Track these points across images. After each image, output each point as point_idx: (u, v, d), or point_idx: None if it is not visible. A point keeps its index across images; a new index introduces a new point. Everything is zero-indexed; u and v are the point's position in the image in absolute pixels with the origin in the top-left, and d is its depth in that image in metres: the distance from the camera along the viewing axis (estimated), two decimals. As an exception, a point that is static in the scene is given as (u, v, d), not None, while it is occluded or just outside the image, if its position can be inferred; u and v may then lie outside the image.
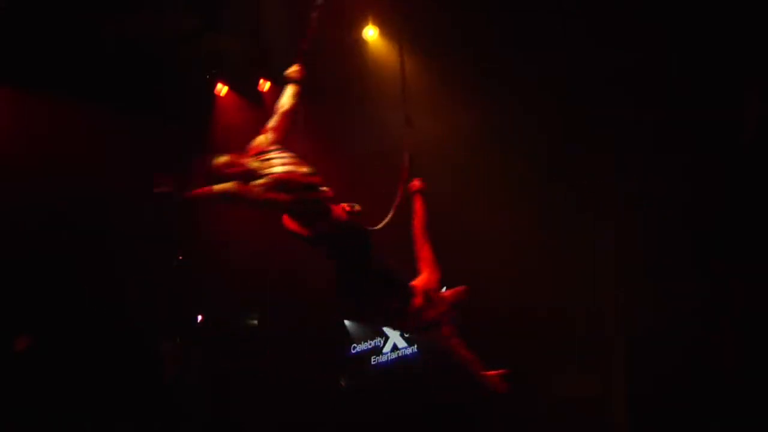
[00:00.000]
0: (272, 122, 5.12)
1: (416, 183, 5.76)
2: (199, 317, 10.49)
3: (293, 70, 5.27)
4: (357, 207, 5.21)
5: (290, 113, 5.18)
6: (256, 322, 10.67)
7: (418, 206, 5.67)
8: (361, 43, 9.09)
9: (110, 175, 9.31)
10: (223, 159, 4.97)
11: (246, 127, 10.00)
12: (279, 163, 4.93)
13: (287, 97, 5.20)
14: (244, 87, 9.91)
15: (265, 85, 9.82)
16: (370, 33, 9.01)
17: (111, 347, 9.34)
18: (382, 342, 10.29)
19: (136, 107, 9.27)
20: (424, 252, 5.56)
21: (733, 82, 7.94)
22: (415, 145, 8.10)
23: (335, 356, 10.29)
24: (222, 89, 9.90)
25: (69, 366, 9.08)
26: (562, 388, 8.73)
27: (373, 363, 10.24)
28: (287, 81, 5.22)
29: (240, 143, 9.96)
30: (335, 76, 9.10)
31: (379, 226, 5.41)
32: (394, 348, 10.28)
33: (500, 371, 5.46)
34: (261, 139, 5.08)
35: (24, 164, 8.88)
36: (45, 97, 8.96)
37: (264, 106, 9.92)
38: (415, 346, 10.18)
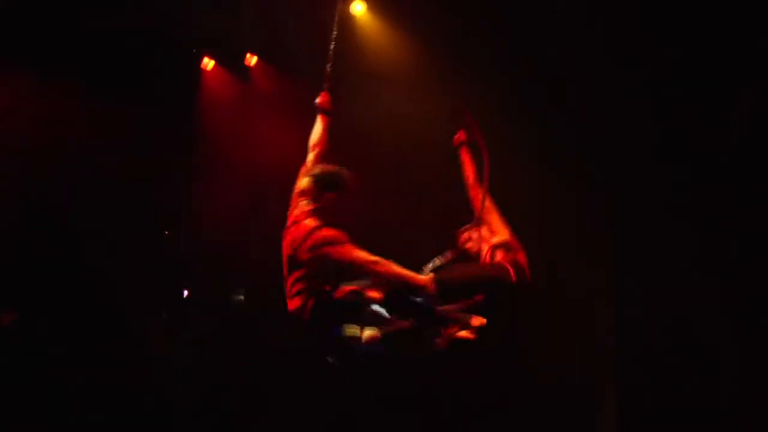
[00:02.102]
0: (309, 160, 5.25)
1: (461, 135, 5.76)
2: (185, 292, 10.47)
3: (321, 98, 5.38)
4: None
5: (322, 147, 5.31)
6: (242, 297, 10.66)
7: (466, 158, 5.71)
8: (348, 18, 9.01)
9: (93, 152, 9.25)
10: None
11: (233, 101, 9.98)
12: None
13: (317, 131, 5.32)
14: (231, 61, 9.85)
15: (252, 60, 9.76)
16: (358, 8, 8.92)
17: (95, 322, 9.33)
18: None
19: (120, 82, 9.18)
20: (482, 205, 5.52)
21: (725, 80, 7.91)
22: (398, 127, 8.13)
23: (323, 334, 10.27)
24: (208, 63, 9.84)
25: (53, 341, 9.08)
26: (550, 377, 8.75)
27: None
28: (317, 111, 5.34)
29: (227, 118, 10.03)
30: (320, 52, 9.04)
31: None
32: (382, 326, 10.26)
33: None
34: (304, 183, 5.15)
35: (3, 143, 8.83)
36: (21, 72, 8.88)
37: (251, 81, 9.89)
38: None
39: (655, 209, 8.40)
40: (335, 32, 5.71)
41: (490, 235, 5.59)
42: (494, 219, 5.64)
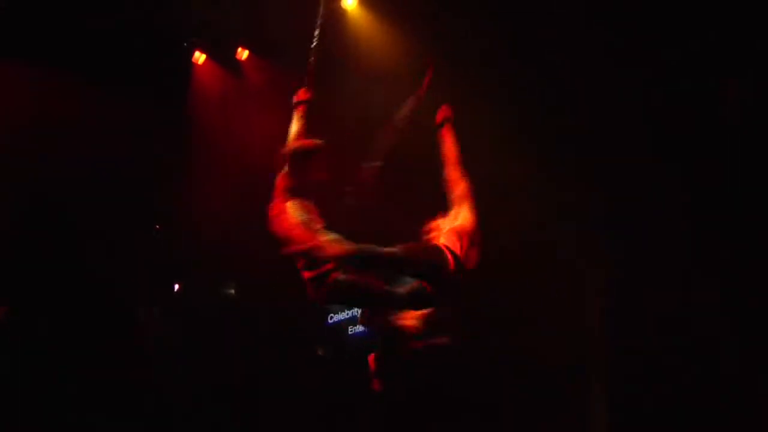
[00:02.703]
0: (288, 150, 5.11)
1: (445, 111, 5.53)
2: (176, 286, 10.49)
3: (300, 93, 5.30)
4: None
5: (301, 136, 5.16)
6: (233, 291, 10.69)
7: (448, 137, 5.45)
8: (338, 11, 9.01)
9: (86, 145, 9.24)
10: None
11: (224, 96, 9.98)
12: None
13: (295, 121, 5.20)
14: (222, 56, 9.85)
15: (243, 54, 9.76)
16: (349, 1, 8.93)
17: (88, 314, 9.34)
18: (359, 312, 10.31)
19: (111, 75, 9.16)
20: (458, 188, 5.35)
21: (711, 70, 7.94)
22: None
23: (313, 326, 10.32)
24: (200, 57, 9.83)
25: (47, 333, 9.09)
26: (539, 354, 8.79)
27: (350, 333, 10.28)
28: (295, 105, 5.25)
29: (218, 112, 10.03)
30: (310, 45, 9.04)
31: None
32: (371, 318, 10.31)
33: None
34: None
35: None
36: (15, 63, 8.87)
37: (242, 75, 9.89)
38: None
39: (652, 208, 8.42)
40: (318, 27, 5.69)
41: (452, 221, 5.32)
42: (464, 206, 5.36)
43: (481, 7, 8.24)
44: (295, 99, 5.31)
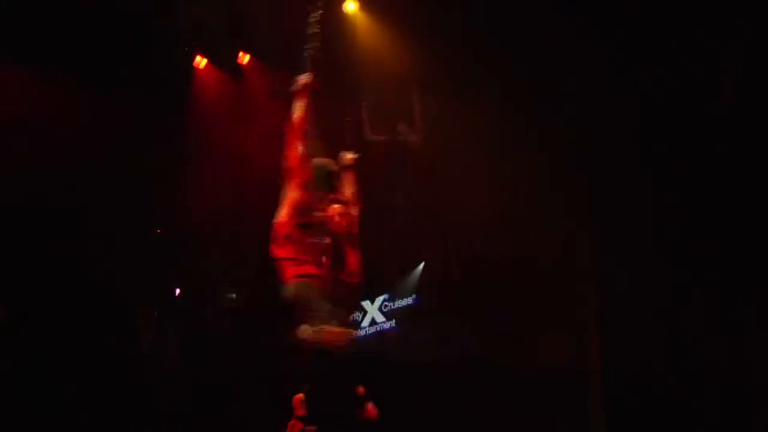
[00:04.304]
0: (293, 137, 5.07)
1: (349, 156, 5.56)
2: (177, 291, 10.49)
3: (303, 79, 5.19)
4: None
5: (304, 122, 5.11)
6: (234, 296, 10.68)
7: (350, 177, 5.51)
8: (340, 15, 9.05)
9: (88, 149, 9.26)
10: None
11: (225, 100, 10.01)
12: None
13: (298, 108, 5.12)
14: (223, 60, 9.88)
15: (244, 58, 9.79)
16: (350, 6, 8.99)
17: (88, 315, 9.36)
18: (360, 316, 10.33)
19: (114, 80, 9.19)
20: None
21: (705, 66, 7.97)
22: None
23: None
24: (201, 62, 9.86)
25: (45, 336, 9.10)
26: (538, 358, 8.79)
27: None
28: (297, 90, 5.16)
29: (219, 116, 10.04)
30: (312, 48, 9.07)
31: None
32: (372, 322, 10.33)
33: None
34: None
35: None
36: (18, 68, 8.91)
37: (243, 79, 9.92)
38: (394, 321, 10.24)
39: (650, 209, 8.44)
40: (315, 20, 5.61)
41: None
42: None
43: (480, 10, 8.31)
44: (297, 85, 5.22)
